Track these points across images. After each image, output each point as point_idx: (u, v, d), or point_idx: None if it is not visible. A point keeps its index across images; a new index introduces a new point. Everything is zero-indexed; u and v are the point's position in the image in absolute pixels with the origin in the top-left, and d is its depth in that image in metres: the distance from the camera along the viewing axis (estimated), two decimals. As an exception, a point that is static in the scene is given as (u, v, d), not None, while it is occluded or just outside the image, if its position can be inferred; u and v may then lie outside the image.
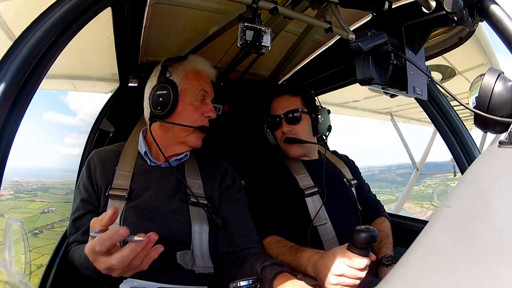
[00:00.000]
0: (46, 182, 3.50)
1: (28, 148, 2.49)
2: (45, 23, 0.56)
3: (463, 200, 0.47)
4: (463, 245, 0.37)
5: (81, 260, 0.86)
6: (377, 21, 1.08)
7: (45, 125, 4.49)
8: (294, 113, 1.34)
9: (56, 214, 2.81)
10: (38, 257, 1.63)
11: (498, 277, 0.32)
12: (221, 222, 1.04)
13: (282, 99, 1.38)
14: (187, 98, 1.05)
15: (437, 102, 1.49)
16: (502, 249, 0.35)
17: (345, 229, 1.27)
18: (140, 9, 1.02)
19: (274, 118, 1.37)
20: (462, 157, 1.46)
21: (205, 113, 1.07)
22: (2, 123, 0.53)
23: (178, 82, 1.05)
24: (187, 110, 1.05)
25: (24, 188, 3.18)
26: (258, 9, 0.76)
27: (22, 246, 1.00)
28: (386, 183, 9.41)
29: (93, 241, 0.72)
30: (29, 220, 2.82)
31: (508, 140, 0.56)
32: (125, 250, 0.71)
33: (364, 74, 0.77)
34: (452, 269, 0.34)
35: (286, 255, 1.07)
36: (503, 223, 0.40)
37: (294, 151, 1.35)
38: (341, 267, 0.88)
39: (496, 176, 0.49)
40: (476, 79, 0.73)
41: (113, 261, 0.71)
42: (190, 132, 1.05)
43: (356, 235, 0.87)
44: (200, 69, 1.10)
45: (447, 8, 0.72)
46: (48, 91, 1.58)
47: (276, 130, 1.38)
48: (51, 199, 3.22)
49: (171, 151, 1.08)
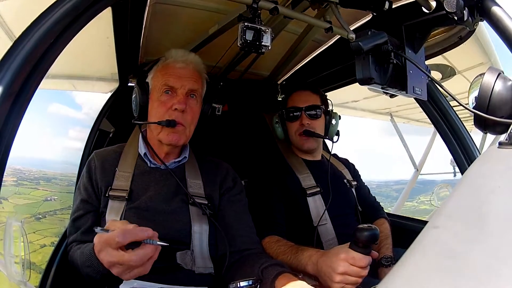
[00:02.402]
0: (48, 172, 3.59)
1: (30, 138, 2.54)
2: (45, 23, 0.56)
3: (463, 200, 0.47)
4: (463, 245, 0.37)
5: (83, 259, 0.85)
6: (377, 21, 1.08)
7: (48, 118, 4.52)
8: (316, 109, 1.37)
9: (58, 202, 2.95)
10: (41, 238, 1.85)
11: (501, 276, 0.32)
12: (222, 223, 1.04)
13: (304, 94, 1.40)
14: (154, 95, 1.04)
15: (436, 102, 1.49)
16: (502, 249, 0.35)
17: (345, 230, 1.27)
18: (140, 9, 1.02)
19: (293, 110, 1.38)
20: (462, 158, 1.46)
21: (173, 105, 1.01)
22: (2, 123, 0.53)
23: (150, 82, 1.06)
24: (153, 107, 1.03)
25: (27, 176, 3.27)
26: (258, 9, 0.76)
27: (22, 246, 1.00)
28: (382, 197, 9.54)
29: (113, 232, 0.73)
30: (32, 206, 3.00)
31: (508, 141, 0.56)
32: (148, 249, 0.74)
33: (364, 73, 0.77)
34: (453, 269, 0.34)
35: (286, 254, 1.07)
36: (503, 224, 0.40)
37: (309, 144, 1.37)
38: (344, 266, 0.88)
39: (496, 177, 0.49)
40: (475, 78, 0.73)
41: (133, 256, 0.72)
42: (160, 129, 1.02)
43: (359, 233, 0.87)
44: (170, 62, 1.04)
45: (447, 8, 0.72)
46: (50, 86, 1.59)
47: (293, 121, 1.38)
48: (53, 189, 3.32)
49: (163, 151, 1.07)
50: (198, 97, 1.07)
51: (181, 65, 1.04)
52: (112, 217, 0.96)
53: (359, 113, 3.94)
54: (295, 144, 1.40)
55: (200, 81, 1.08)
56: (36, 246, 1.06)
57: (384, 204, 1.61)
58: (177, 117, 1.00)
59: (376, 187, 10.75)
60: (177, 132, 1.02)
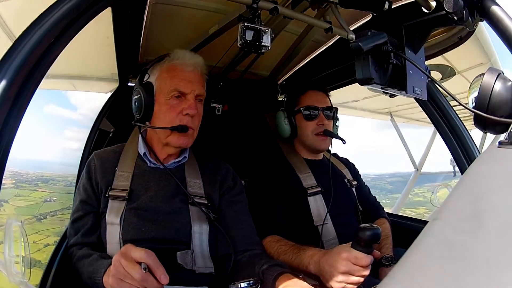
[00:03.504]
0: (45, 174, 3.65)
1: (26, 140, 2.59)
2: (45, 23, 0.56)
3: (463, 200, 0.47)
4: (463, 245, 0.38)
5: (89, 271, 0.87)
6: (377, 21, 1.08)
7: (44, 119, 4.56)
8: (332, 110, 1.39)
9: (57, 203, 3.05)
10: (44, 238, 1.94)
11: (501, 276, 0.32)
12: (222, 223, 1.04)
13: (320, 94, 1.41)
14: (162, 97, 1.01)
15: (436, 102, 1.49)
16: (502, 248, 0.36)
17: (346, 230, 1.27)
18: (140, 9, 1.02)
19: (311, 109, 1.37)
20: (462, 158, 1.46)
21: (183, 110, 1.00)
22: (2, 123, 0.53)
23: (154, 82, 1.03)
24: (162, 110, 1.01)
25: (25, 179, 3.32)
26: (258, 9, 0.76)
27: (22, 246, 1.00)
28: (376, 189, 9.60)
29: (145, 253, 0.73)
30: (33, 207, 3.08)
31: (508, 141, 0.56)
32: (149, 279, 0.73)
33: (363, 73, 0.77)
34: (453, 268, 0.34)
35: (288, 253, 1.07)
36: (503, 223, 0.40)
37: (325, 144, 1.38)
38: (347, 265, 0.88)
39: (496, 176, 0.49)
40: (475, 78, 0.73)
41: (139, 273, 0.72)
42: (169, 133, 1.01)
43: (361, 233, 0.87)
44: (178, 64, 1.02)
45: (447, 8, 0.72)
46: (50, 86, 1.59)
47: (310, 121, 1.37)
48: (52, 190, 3.40)
49: (166, 152, 1.07)
50: (203, 100, 1.08)
51: (190, 68, 1.02)
52: (112, 217, 0.97)
53: (359, 113, 3.94)
54: (310, 143, 1.39)
55: (205, 85, 1.08)
56: (39, 245, 1.11)
57: (379, 196, 1.61)
58: (188, 122, 1.00)
59: (371, 179, 10.87)
60: (187, 136, 1.02)
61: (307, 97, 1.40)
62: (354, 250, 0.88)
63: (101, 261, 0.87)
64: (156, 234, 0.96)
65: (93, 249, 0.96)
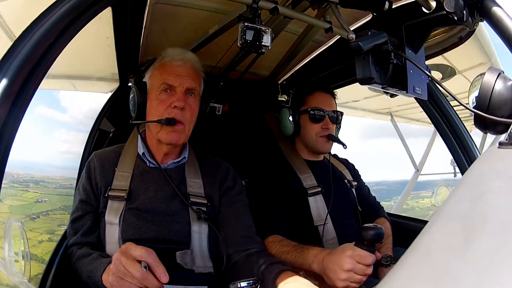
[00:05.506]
0: (35, 175, 3.72)
1: (15, 140, 2.69)
2: (45, 23, 0.56)
3: (463, 200, 0.47)
4: (463, 245, 0.37)
5: (89, 270, 0.87)
6: (377, 21, 1.08)
7: (35, 120, 4.60)
8: (337, 114, 1.38)
9: (49, 204, 3.14)
10: (38, 235, 2.10)
11: (501, 276, 0.32)
12: (222, 223, 1.04)
13: (327, 97, 1.40)
14: (152, 94, 1.03)
15: (437, 102, 1.49)
16: (503, 249, 0.35)
17: (345, 230, 1.27)
18: (140, 9, 1.02)
19: (318, 111, 1.36)
20: (462, 158, 1.46)
21: (172, 103, 0.99)
22: (2, 123, 0.53)
23: (147, 81, 1.05)
24: (152, 106, 1.02)
25: (16, 179, 3.37)
26: (258, 9, 0.76)
27: (22, 246, 1.00)
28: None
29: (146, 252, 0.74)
30: (25, 207, 3.20)
31: (508, 141, 0.56)
32: (149, 278, 0.73)
33: (364, 73, 0.77)
34: (453, 268, 0.34)
35: (291, 253, 1.07)
36: (503, 223, 0.40)
37: (328, 147, 1.38)
38: (351, 263, 0.89)
39: (496, 177, 0.49)
40: (476, 78, 0.73)
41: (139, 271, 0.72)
42: (159, 128, 1.01)
43: (364, 232, 0.88)
44: (168, 60, 1.03)
45: (447, 8, 0.72)
46: (50, 86, 1.60)
47: (316, 123, 1.36)
48: (43, 191, 3.48)
49: (161, 152, 1.07)
50: (197, 95, 1.07)
51: (179, 63, 1.03)
52: (112, 217, 0.97)
53: (360, 113, 3.93)
54: (312, 144, 1.38)
55: (198, 79, 1.07)
56: (34, 241, 1.19)
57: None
58: (176, 115, 0.99)
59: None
60: (177, 131, 1.01)
61: (314, 99, 1.38)
62: (358, 248, 0.89)
63: (100, 260, 0.87)
64: (156, 234, 0.97)
65: (93, 248, 0.96)
